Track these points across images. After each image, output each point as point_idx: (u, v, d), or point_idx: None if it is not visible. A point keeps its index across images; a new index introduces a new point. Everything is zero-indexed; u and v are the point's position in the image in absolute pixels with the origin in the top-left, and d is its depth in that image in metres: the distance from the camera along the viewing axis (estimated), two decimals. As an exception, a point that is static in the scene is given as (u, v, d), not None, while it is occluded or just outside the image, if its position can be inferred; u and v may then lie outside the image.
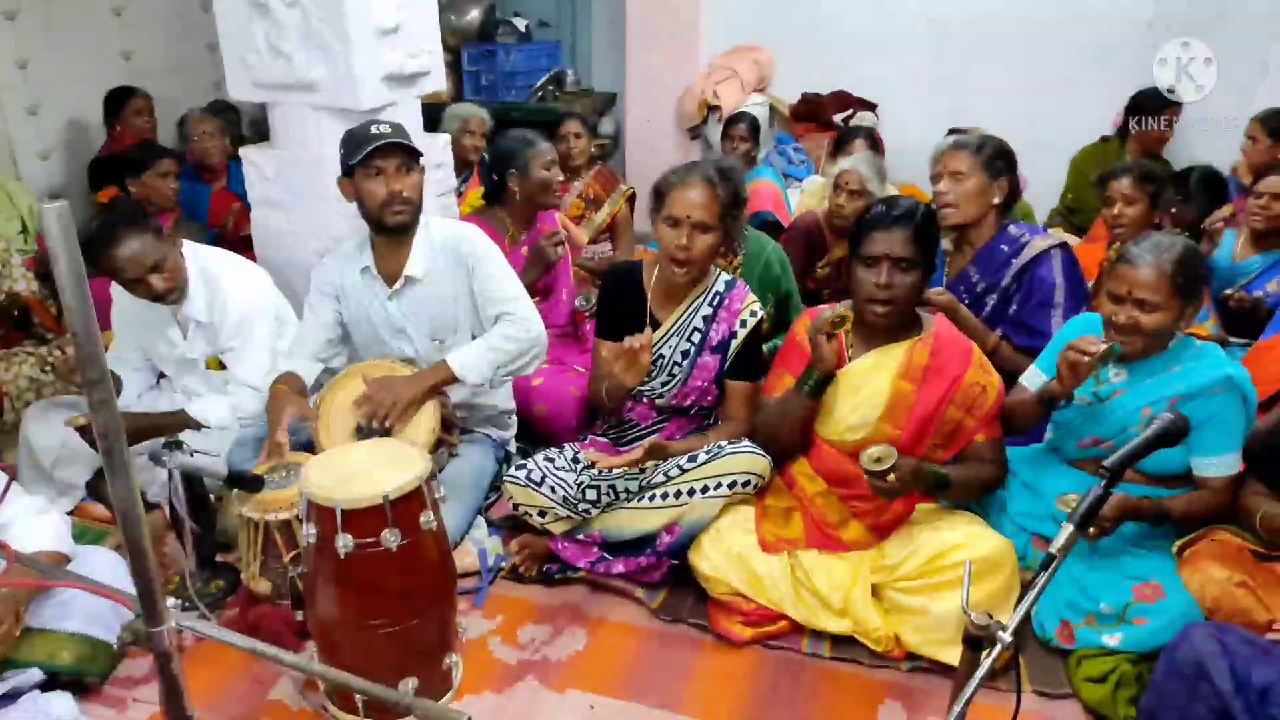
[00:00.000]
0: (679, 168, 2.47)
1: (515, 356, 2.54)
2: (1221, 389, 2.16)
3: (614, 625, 2.30)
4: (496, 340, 2.52)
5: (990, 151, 2.84)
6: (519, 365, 2.57)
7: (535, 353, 2.59)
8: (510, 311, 2.56)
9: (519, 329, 2.54)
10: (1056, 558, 1.48)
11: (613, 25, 5.63)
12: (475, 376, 2.47)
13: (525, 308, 2.58)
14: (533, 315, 2.58)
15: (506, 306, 2.56)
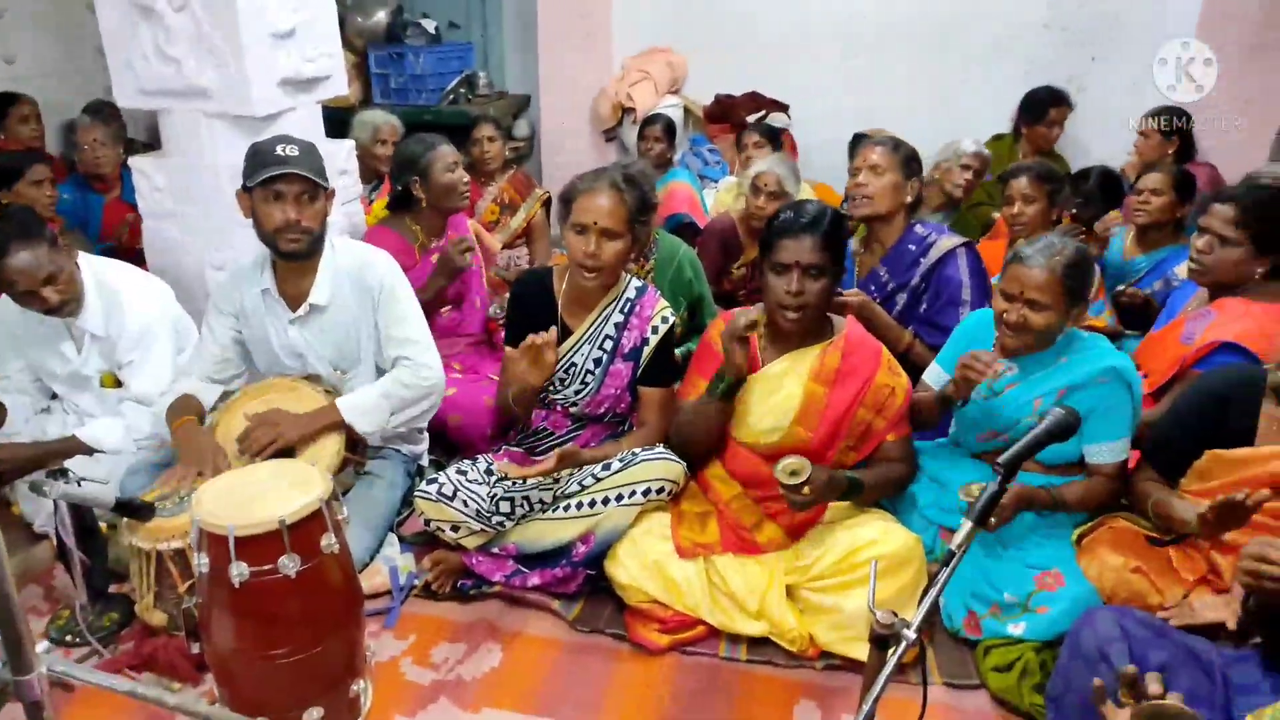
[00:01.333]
0: (585, 175, 2.45)
1: (410, 404, 2.50)
2: (1106, 379, 2.23)
3: (530, 639, 2.27)
4: (391, 387, 2.47)
5: (905, 152, 2.94)
6: (414, 414, 2.53)
7: (432, 401, 2.56)
8: (409, 356, 2.51)
9: (416, 376, 2.50)
10: (956, 554, 1.50)
11: (524, 27, 5.58)
12: (367, 425, 2.42)
13: (426, 353, 2.54)
14: (433, 361, 2.54)
15: (407, 350, 2.51)
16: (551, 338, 2.29)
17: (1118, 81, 4.94)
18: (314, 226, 2.37)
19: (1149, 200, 3.39)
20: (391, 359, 2.53)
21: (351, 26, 5.23)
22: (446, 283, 3.14)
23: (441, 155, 3.12)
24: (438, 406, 2.62)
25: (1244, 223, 2.53)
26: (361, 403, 2.41)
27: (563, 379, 2.53)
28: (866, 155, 2.92)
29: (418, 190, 3.13)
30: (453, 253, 3.09)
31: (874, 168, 2.88)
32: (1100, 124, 4.93)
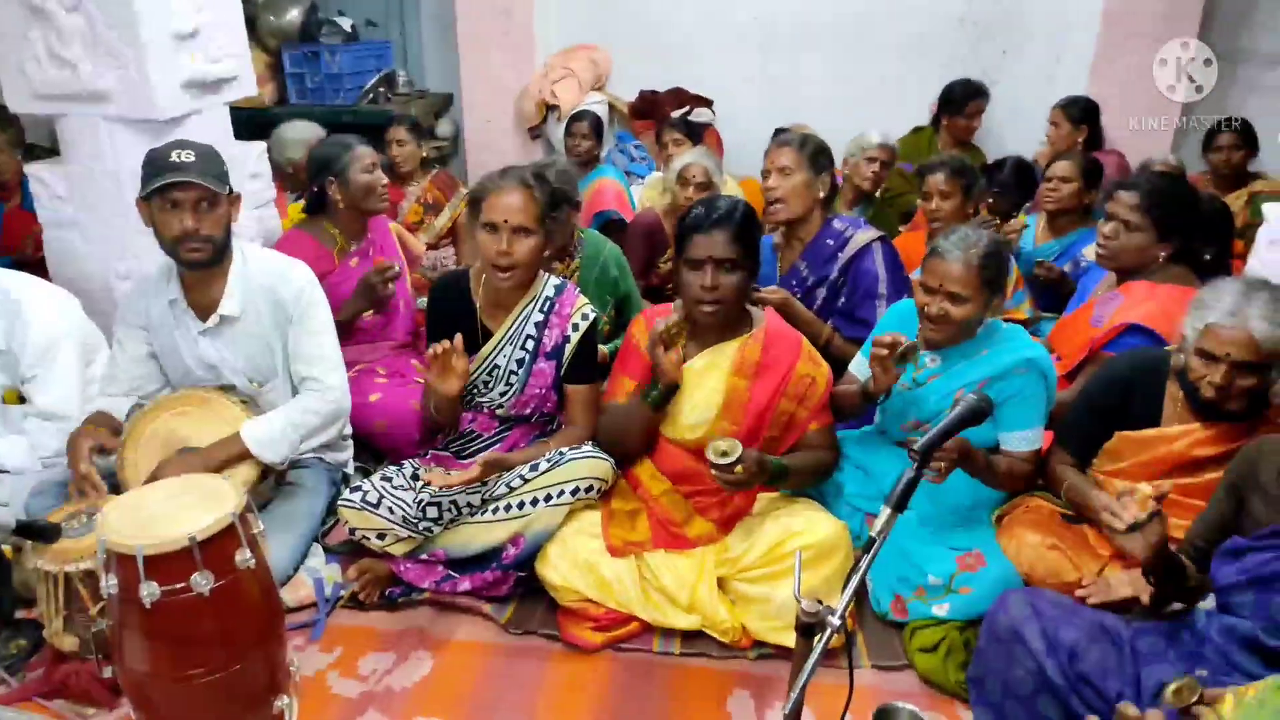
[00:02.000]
0: (493, 174, 2.43)
1: (316, 430, 2.46)
2: (1024, 370, 2.29)
3: (461, 645, 2.24)
4: (297, 415, 2.42)
5: (812, 148, 2.94)
6: (322, 439, 2.50)
7: (337, 426, 2.53)
8: (317, 378, 2.46)
9: (322, 401, 2.46)
10: (877, 540, 1.53)
11: (443, 25, 5.50)
12: (273, 455, 2.36)
13: (332, 373, 2.49)
14: (337, 383, 2.50)
15: (314, 370, 2.47)
16: (455, 345, 2.27)
17: (1028, 74, 5.09)
18: (215, 234, 2.30)
19: (1058, 187, 3.50)
20: (299, 378, 2.47)
21: (264, 25, 5.10)
22: (366, 307, 3.06)
23: (358, 156, 3.04)
24: (344, 429, 2.58)
25: (1147, 209, 2.62)
26: (266, 434, 2.35)
27: (487, 381, 2.50)
28: (774, 158, 2.91)
29: (334, 192, 3.05)
30: (374, 279, 3.01)
31: (782, 170, 2.88)
32: (1013, 115, 5.06)
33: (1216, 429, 2.06)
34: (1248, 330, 1.91)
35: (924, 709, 2.02)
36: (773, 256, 3.10)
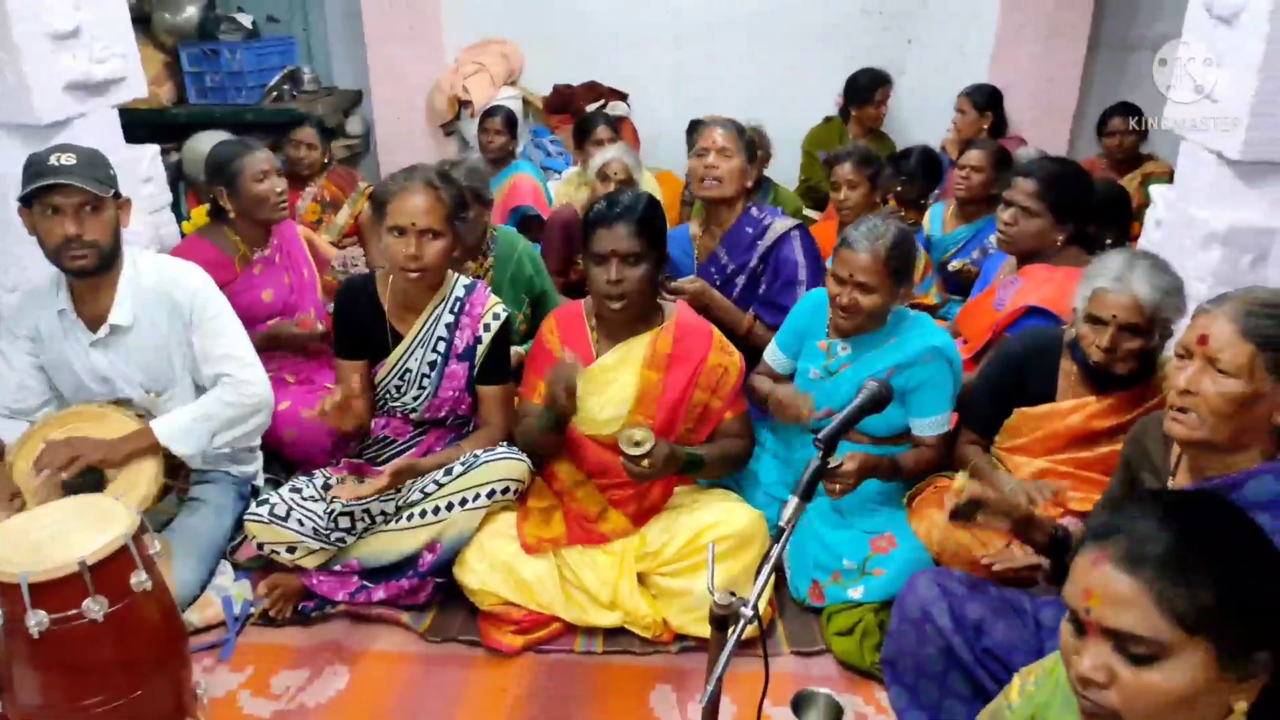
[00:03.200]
0: (396, 174, 2.38)
1: (235, 423, 2.37)
2: (930, 357, 2.35)
3: (378, 656, 2.20)
4: (212, 407, 2.33)
5: (748, 137, 2.99)
6: (240, 432, 2.40)
7: (260, 419, 2.44)
8: (230, 373, 2.38)
9: (239, 394, 2.37)
10: (786, 529, 1.54)
11: (349, 19, 5.36)
12: (186, 447, 2.27)
13: (248, 368, 2.41)
14: (256, 377, 2.42)
15: (227, 367, 2.38)
16: (354, 388, 2.23)
17: (933, 63, 5.21)
18: (101, 240, 2.20)
19: (970, 176, 3.58)
20: (211, 377, 2.38)
21: (159, 23, 4.89)
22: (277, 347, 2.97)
23: (251, 164, 2.86)
24: (267, 424, 2.49)
25: (1043, 195, 2.70)
26: (179, 425, 2.27)
27: (399, 386, 2.46)
28: (714, 137, 2.92)
29: (224, 200, 2.90)
30: (301, 335, 2.93)
31: (722, 150, 2.90)
32: (920, 104, 5.18)
33: (1109, 400, 2.15)
34: (1132, 293, 2.00)
35: (841, 692, 2.07)
36: (690, 245, 3.11)
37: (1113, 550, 1.04)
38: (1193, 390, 1.55)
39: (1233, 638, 0.99)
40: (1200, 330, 1.56)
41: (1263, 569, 1.02)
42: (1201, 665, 0.99)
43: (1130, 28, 4.95)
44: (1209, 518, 1.06)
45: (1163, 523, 1.04)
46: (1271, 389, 1.51)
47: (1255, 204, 2.28)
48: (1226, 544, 1.03)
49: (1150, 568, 1.01)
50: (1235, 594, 0.99)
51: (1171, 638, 1.00)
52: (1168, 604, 0.99)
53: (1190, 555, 1.01)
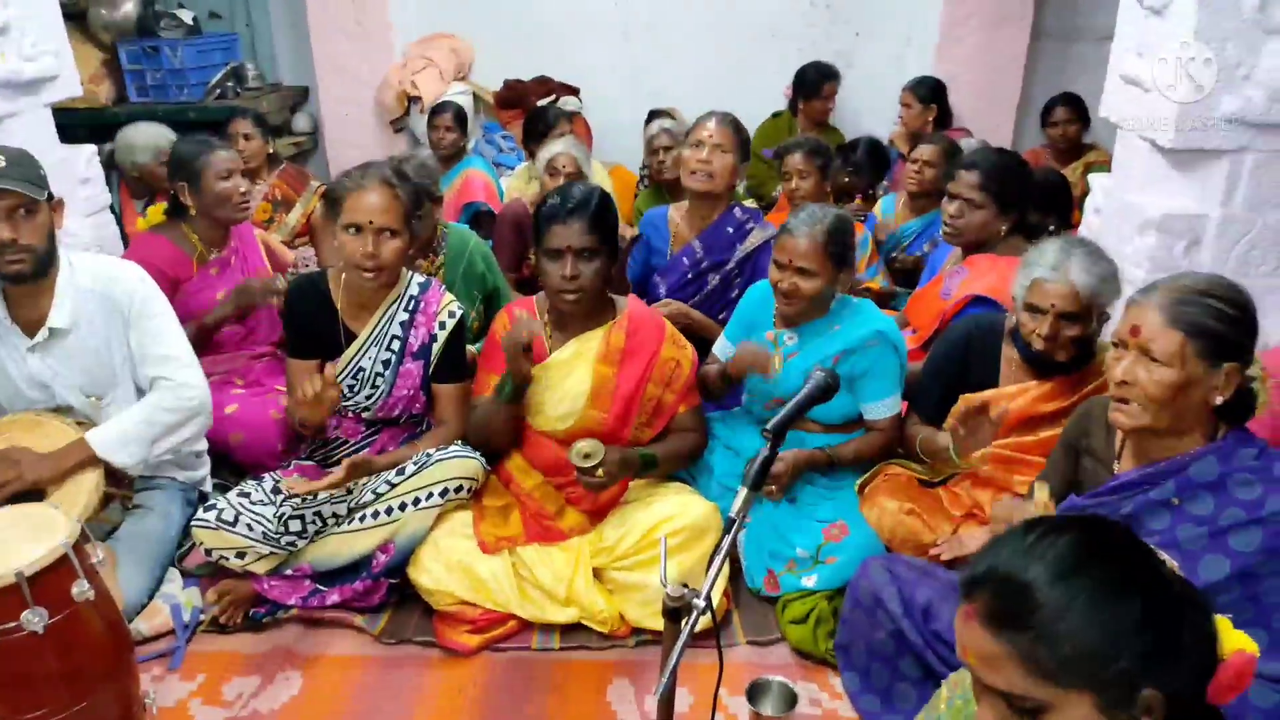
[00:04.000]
0: (352, 171, 2.35)
1: (175, 429, 2.33)
2: (875, 343, 2.38)
3: (332, 660, 2.17)
4: (150, 412, 2.29)
5: (745, 136, 3.01)
6: (180, 438, 2.36)
7: (199, 423, 2.39)
8: (168, 376, 2.33)
9: (177, 397, 2.32)
10: (736, 520, 1.56)
11: (293, 14, 5.27)
12: (126, 457, 2.23)
13: (186, 370, 2.36)
14: (194, 379, 2.37)
15: (165, 369, 2.33)
16: (328, 377, 2.18)
17: (880, 55, 5.26)
18: (36, 244, 2.14)
19: (922, 170, 3.63)
20: (149, 379, 2.33)
21: (95, 20, 4.76)
22: (233, 314, 2.91)
23: (215, 161, 2.84)
24: (208, 426, 2.44)
25: (986, 187, 2.75)
26: (117, 434, 2.22)
27: (352, 385, 2.43)
28: (713, 132, 2.91)
29: (185, 197, 2.87)
30: (255, 289, 2.86)
31: (718, 146, 2.90)
32: (869, 96, 5.23)
33: (1050, 385, 2.20)
34: (1070, 282, 2.05)
35: (797, 679, 2.09)
36: (667, 228, 3.11)
37: (978, 607, 1.00)
38: (1130, 381, 1.59)
39: (1109, 683, 0.96)
40: (1132, 321, 1.60)
41: (1130, 606, 0.96)
42: (1086, 715, 0.96)
43: (1073, 18, 5.05)
44: (1076, 555, 0.99)
45: (1026, 569, 0.98)
46: (1204, 374, 1.56)
47: (1187, 191, 2.35)
48: (1092, 585, 0.97)
49: (1012, 626, 0.97)
50: (1101, 640, 0.95)
51: (1045, 694, 0.97)
52: (1034, 663, 0.96)
53: (1051, 607, 0.96)
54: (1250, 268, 2.36)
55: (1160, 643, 0.96)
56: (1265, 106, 2.20)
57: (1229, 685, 0.99)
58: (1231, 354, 1.56)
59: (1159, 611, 0.97)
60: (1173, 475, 1.63)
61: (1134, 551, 1.01)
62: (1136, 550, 1.02)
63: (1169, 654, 0.96)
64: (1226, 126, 2.24)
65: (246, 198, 2.94)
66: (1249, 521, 1.56)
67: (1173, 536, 1.62)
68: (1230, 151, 2.26)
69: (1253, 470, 1.58)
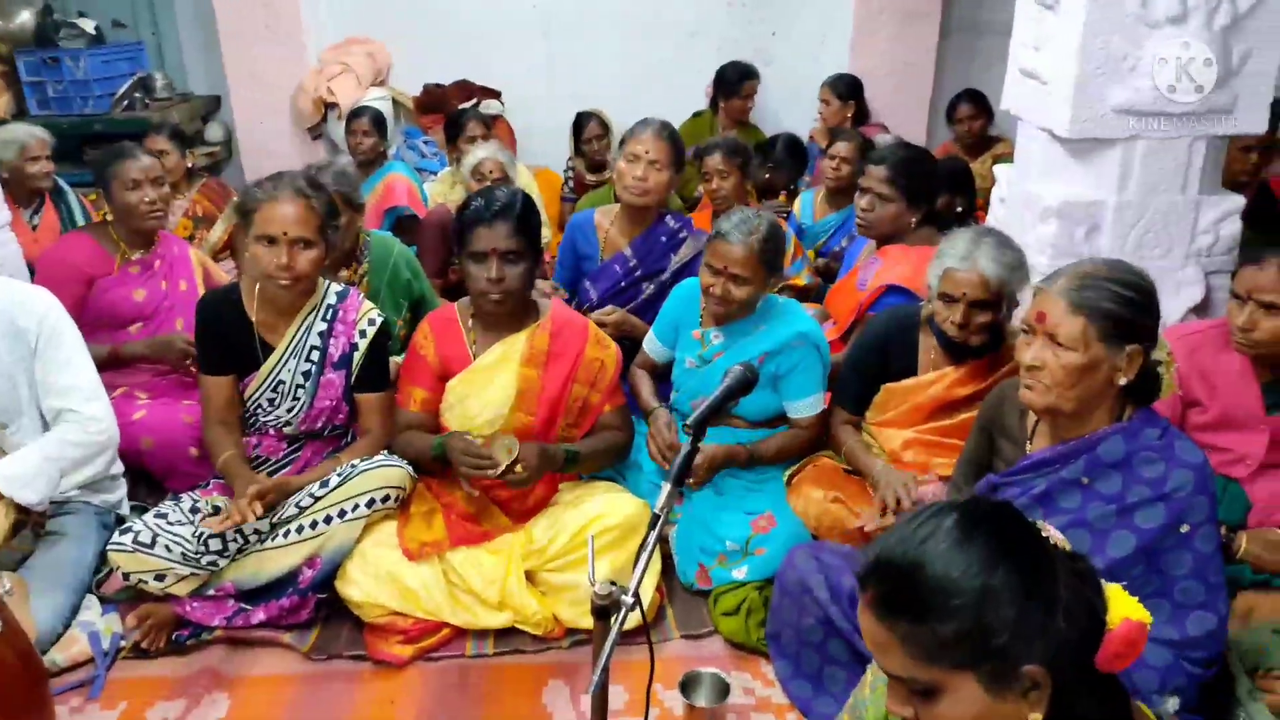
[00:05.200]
0: (263, 182, 2.31)
1: (82, 464, 2.28)
2: (799, 343, 2.43)
3: (259, 680, 2.13)
4: (54, 448, 2.23)
5: (680, 148, 3.01)
6: (88, 474, 2.31)
7: (107, 457, 2.35)
8: (74, 409, 2.27)
9: (84, 432, 2.27)
10: (660, 516, 1.57)
11: (202, 22, 5.14)
12: (31, 494, 2.16)
13: (91, 403, 2.30)
14: (100, 412, 2.32)
15: (70, 401, 2.27)
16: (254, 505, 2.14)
17: (797, 53, 5.36)
18: None
19: (840, 167, 3.70)
20: (54, 411, 2.27)
21: (-13, 29, 4.59)
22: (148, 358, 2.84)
23: (121, 172, 2.78)
24: (113, 460, 2.40)
25: (895, 180, 2.82)
26: (21, 470, 2.14)
27: (271, 399, 2.39)
28: (649, 147, 2.90)
29: (102, 203, 2.82)
30: (177, 348, 2.78)
31: (654, 163, 2.90)
32: (788, 94, 5.31)
33: (966, 369, 2.28)
34: (979, 271, 2.13)
35: (730, 670, 2.12)
36: (594, 234, 3.11)
37: (869, 596, 1.04)
38: (1038, 365, 1.66)
39: (989, 661, 0.99)
40: (1038, 308, 1.67)
41: (1006, 583, 0.99)
42: (974, 693, 1.00)
43: (979, 13, 5.20)
44: (956, 539, 1.02)
45: (909, 556, 1.02)
46: (1108, 356, 1.62)
47: (1084, 179, 2.44)
48: (968, 566, 1.00)
49: (895, 614, 1.01)
50: (977, 619, 0.98)
51: (933, 676, 1.00)
52: (918, 646, 1.00)
53: (931, 590, 0.99)
54: (1145, 250, 2.47)
55: (1038, 617, 0.99)
56: (1152, 96, 2.30)
57: (1117, 654, 1.03)
58: (1134, 336, 1.62)
59: (1036, 586, 1.00)
60: (1083, 454, 1.69)
61: (1013, 529, 1.05)
62: (1016, 528, 1.05)
63: (1049, 627, 1.00)
64: (1117, 116, 2.33)
65: (156, 207, 2.87)
66: (1153, 499, 1.63)
67: (1083, 514, 1.69)
68: (1122, 140, 2.36)
69: (1156, 449, 1.65)
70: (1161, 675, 1.63)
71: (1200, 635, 1.62)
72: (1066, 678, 1.01)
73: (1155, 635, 1.63)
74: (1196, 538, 1.61)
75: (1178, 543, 1.62)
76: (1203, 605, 1.62)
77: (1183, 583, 1.62)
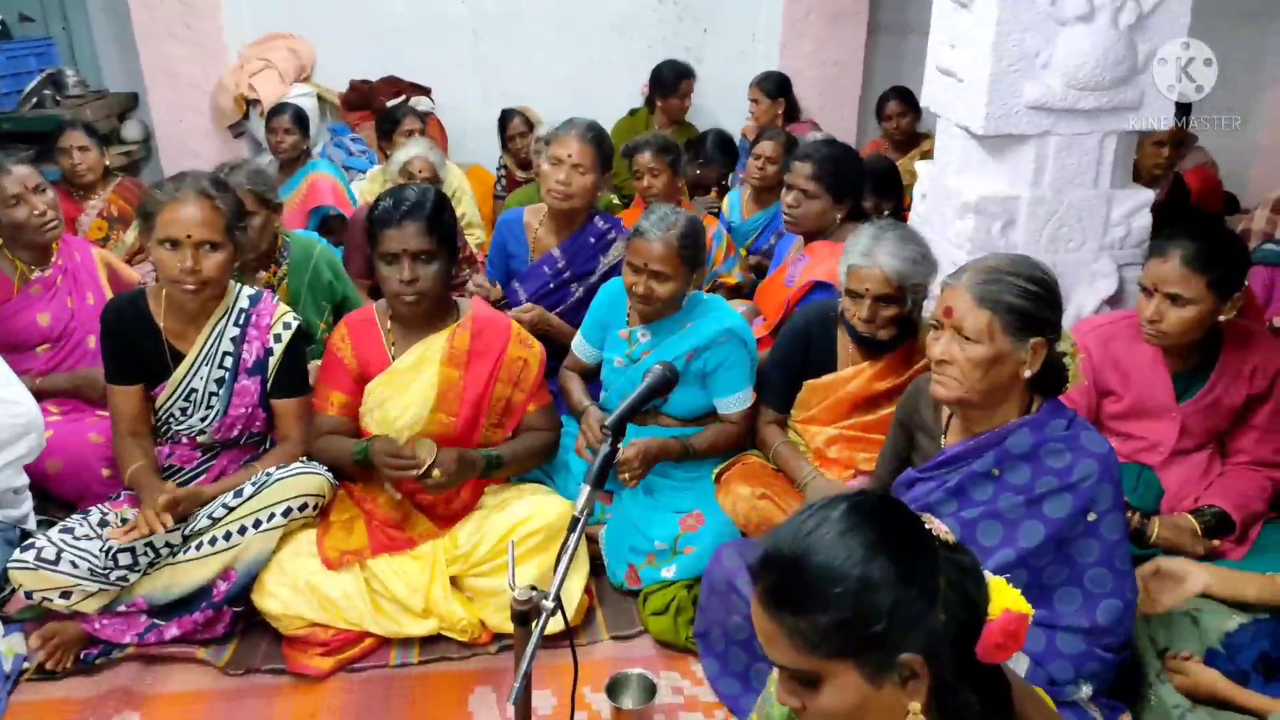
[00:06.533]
0: (164, 183, 2.24)
1: (3, 446, 2.18)
2: (725, 339, 2.43)
3: (174, 698, 2.06)
4: None
5: (608, 149, 2.97)
6: (9, 458, 2.21)
7: (30, 443, 2.26)
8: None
9: (4, 413, 2.18)
10: (580, 519, 1.56)
11: (115, 16, 4.96)
12: None
13: (9, 389, 2.21)
14: (19, 396, 2.22)
15: None
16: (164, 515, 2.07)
17: (728, 51, 5.37)
18: None
19: (764, 166, 3.72)
20: None
21: (-117, 24, 4.37)
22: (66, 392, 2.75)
23: None
24: (40, 449, 2.29)
25: (819, 177, 2.84)
26: None
27: (184, 408, 2.31)
28: (572, 151, 2.85)
29: None
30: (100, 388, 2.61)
31: (577, 166, 2.86)
32: (720, 91, 5.31)
33: (882, 364, 2.30)
34: (880, 267, 2.17)
35: (659, 670, 2.12)
36: (524, 233, 3.07)
37: (759, 589, 1.06)
38: (947, 359, 1.68)
39: (866, 649, 1.00)
40: (945, 303, 1.69)
41: (883, 573, 1.00)
42: (854, 682, 1.02)
43: (905, 11, 5.27)
44: (838, 531, 1.03)
45: (793, 549, 1.04)
46: (1013, 348, 1.65)
47: (1000, 175, 2.48)
48: (847, 557, 1.01)
49: (780, 604, 1.03)
50: (854, 608, 0.99)
51: (815, 665, 1.02)
52: (799, 637, 1.02)
53: (811, 581, 1.01)
54: (1060, 244, 2.52)
55: (916, 606, 1.01)
56: (1063, 93, 2.34)
57: (997, 644, 1.04)
58: (1037, 329, 1.65)
59: (914, 576, 1.02)
60: (993, 447, 1.72)
61: (895, 521, 1.06)
62: (898, 520, 1.07)
63: (926, 617, 1.01)
64: (1030, 113, 2.37)
65: (48, 218, 2.75)
66: (1060, 488, 1.67)
67: (995, 506, 1.72)
68: (1035, 136, 2.40)
69: (1063, 439, 1.69)
70: (1075, 663, 1.66)
71: (1110, 623, 1.65)
72: (947, 669, 1.02)
73: (1068, 624, 1.67)
74: (1103, 525, 1.65)
75: (1085, 531, 1.66)
76: (1111, 593, 1.66)
77: (1092, 570, 1.66)
